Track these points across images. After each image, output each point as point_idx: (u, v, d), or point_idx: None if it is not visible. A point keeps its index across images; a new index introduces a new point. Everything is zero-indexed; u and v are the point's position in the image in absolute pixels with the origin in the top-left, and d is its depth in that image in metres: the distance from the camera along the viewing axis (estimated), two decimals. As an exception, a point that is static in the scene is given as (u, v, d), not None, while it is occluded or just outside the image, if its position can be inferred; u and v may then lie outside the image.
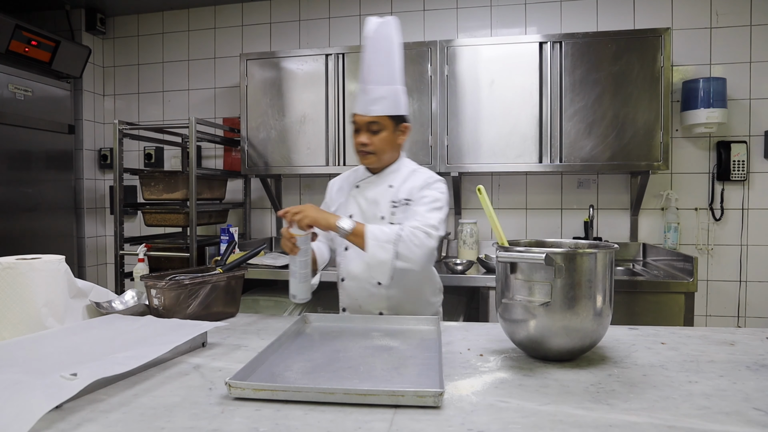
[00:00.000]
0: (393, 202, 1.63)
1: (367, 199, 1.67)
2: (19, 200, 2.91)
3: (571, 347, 1.09)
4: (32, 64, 3.10)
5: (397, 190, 1.65)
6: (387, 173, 1.68)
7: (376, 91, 1.56)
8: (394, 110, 1.59)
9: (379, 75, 1.57)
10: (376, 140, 1.59)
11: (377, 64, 1.56)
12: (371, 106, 1.57)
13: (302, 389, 0.89)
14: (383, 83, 1.57)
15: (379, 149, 1.61)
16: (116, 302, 1.55)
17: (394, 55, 1.59)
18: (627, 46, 2.65)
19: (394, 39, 1.59)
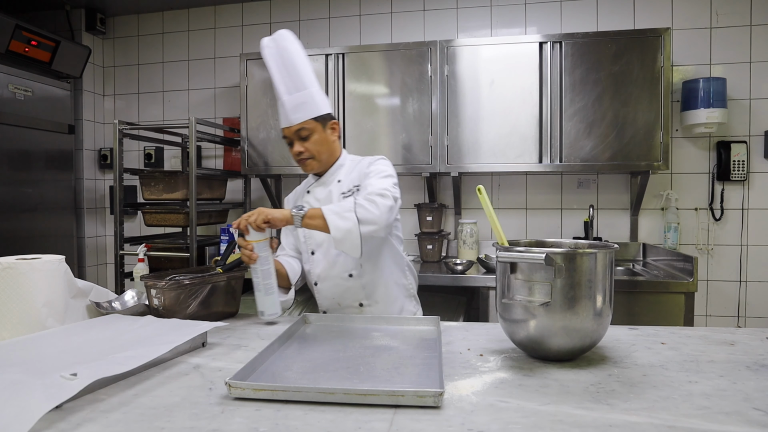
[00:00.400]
0: (343, 193, 1.66)
1: (319, 200, 1.69)
2: (19, 200, 2.91)
3: (571, 347, 1.08)
4: (32, 64, 3.10)
5: (344, 182, 1.68)
6: (333, 171, 1.71)
7: (292, 100, 1.59)
8: (315, 112, 1.61)
9: (289, 85, 1.60)
10: (309, 145, 1.62)
11: (284, 76, 1.60)
12: (292, 116, 1.59)
13: (302, 389, 0.89)
14: (296, 91, 1.60)
15: (316, 152, 1.63)
16: (116, 302, 1.55)
17: (297, 63, 1.60)
18: (627, 46, 2.65)
19: (291, 48, 1.60)
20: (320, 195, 1.70)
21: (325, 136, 1.64)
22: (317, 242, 1.70)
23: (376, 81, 2.91)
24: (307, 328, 1.41)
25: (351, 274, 1.65)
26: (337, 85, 2.94)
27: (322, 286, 1.71)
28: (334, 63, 2.94)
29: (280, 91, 1.60)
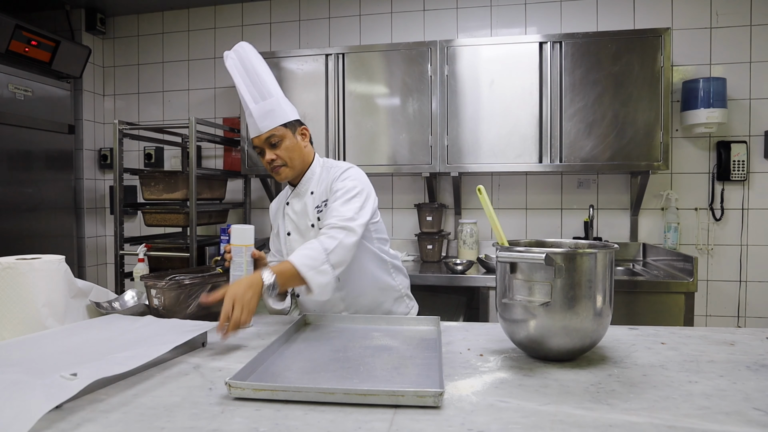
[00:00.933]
0: (317, 207, 1.65)
1: (297, 213, 1.69)
2: (19, 200, 2.91)
3: (571, 347, 1.09)
4: (32, 64, 3.10)
5: (317, 194, 1.67)
6: (305, 181, 1.69)
7: (259, 108, 1.58)
8: (283, 119, 1.60)
9: (254, 94, 1.58)
10: (281, 152, 1.60)
11: (248, 85, 1.59)
12: (261, 124, 1.58)
13: (302, 389, 0.89)
14: (262, 99, 1.58)
15: (288, 158, 1.61)
16: (116, 302, 1.55)
17: (260, 72, 1.59)
18: (627, 46, 2.65)
19: (253, 58, 1.60)
20: (297, 208, 1.70)
21: (296, 142, 1.63)
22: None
23: (376, 81, 2.91)
24: (307, 328, 1.41)
25: None
26: (337, 85, 2.94)
27: (304, 299, 1.69)
28: (334, 63, 2.94)
29: (247, 101, 1.59)
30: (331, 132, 2.96)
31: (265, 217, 3.56)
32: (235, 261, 1.43)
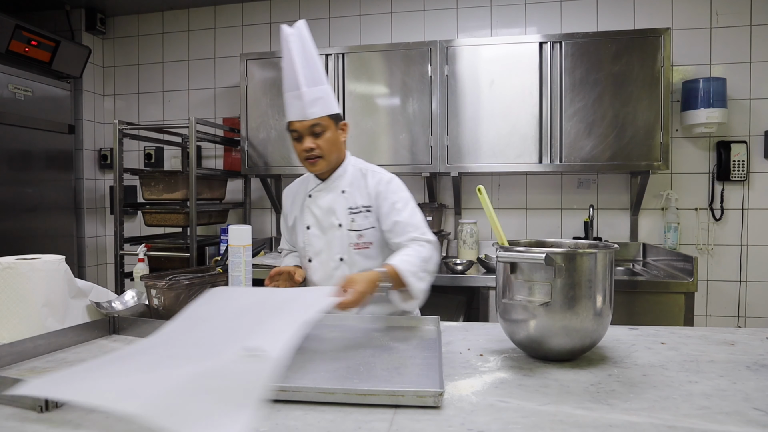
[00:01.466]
0: (350, 209, 1.63)
1: (322, 208, 1.66)
2: (19, 200, 2.91)
3: (571, 347, 1.09)
4: (32, 64, 3.10)
5: (351, 195, 1.64)
6: (336, 178, 1.66)
7: (310, 93, 1.53)
8: (331, 109, 1.57)
9: (308, 77, 1.53)
10: (322, 143, 1.56)
11: (304, 67, 1.52)
12: (309, 109, 1.53)
13: (302, 389, 0.89)
14: (316, 83, 1.54)
15: (327, 151, 1.58)
16: (116, 302, 1.55)
17: (316, 57, 1.56)
18: (627, 46, 2.65)
19: (310, 41, 1.56)
20: (323, 203, 1.66)
21: (336, 136, 1.60)
22: (315, 251, 1.68)
23: (376, 81, 2.91)
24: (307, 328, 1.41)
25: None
26: (337, 85, 2.94)
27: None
28: (334, 63, 2.94)
29: (298, 83, 1.51)
30: (331, 132, 2.96)
31: (265, 217, 3.56)
32: (233, 261, 1.43)
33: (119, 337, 1.35)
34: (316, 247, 1.67)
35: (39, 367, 1.09)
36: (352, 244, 1.63)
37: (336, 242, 1.64)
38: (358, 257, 1.63)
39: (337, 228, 1.63)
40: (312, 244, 1.67)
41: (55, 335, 1.22)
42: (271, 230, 3.54)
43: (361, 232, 1.62)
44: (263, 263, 2.77)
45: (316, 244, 1.67)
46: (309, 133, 1.55)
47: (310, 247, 1.68)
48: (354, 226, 1.61)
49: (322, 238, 1.66)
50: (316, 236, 1.67)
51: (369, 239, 1.63)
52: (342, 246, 1.63)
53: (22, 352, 1.13)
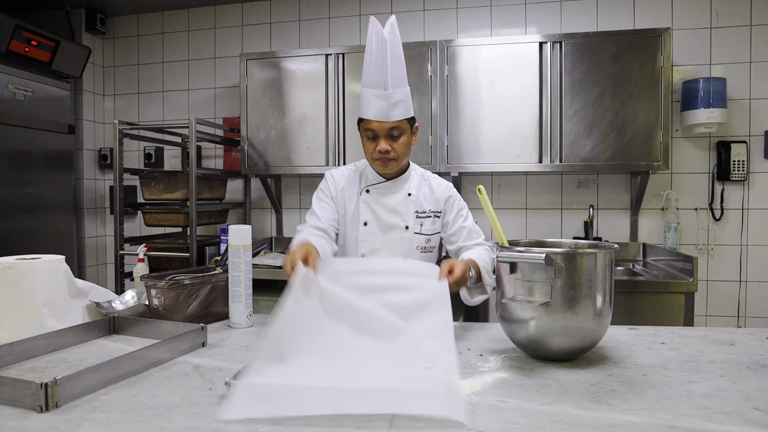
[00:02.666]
0: (417, 213, 1.64)
1: (385, 207, 1.64)
2: (19, 200, 2.91)
3: (571, 347, 1.09)
4: (32, 64, 3.10)
5: (417, 198, 1.65)
6: (402, 180, 1.66)
7: (395, 95, 1.50)
8: (410, 112, 1.57)
9: (396, 78, 1.50)
10: (398, 146, 1.55)
11: (393, 66, 1.49)
12: (392, 111, 1.50)
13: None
14: (401, 85, 1.52)
15: (401, 155, 1.57)
16: (116, 302, 1.55)
17: (402, 59, 1.55)
18: (627, 46, 2.65)
19: (400, 42, 1.56)
20: (387, 203, 1.63)
21: (410, 140, 1.60)
22: (372, 248, 1.64)
23: (376, 81, 2.91)
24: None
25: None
26: (337, 85, 2.94)
27: None
28: (334, 63, 2.94)
29: (387, 82, 1.47)
30: (331, 132, 2.96)
31: (265, 217, 3.56)
32: (233, 261, 1.43)
33: (119, 337, 1.35)
34: (373, 245, 1.64)
35: (39, 367, 1.09)
36: (419, 247, 1.64)
37: (398, 243, 1.63)
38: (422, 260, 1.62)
39: (403, 230, 1.63)
40: (368, 241, 1.65)
41: (55, 335, 1.22)
42: (271, 230, 3.54)
43: (429, 237, 1.65)
44: (263, 263, 2.77)
45: (373, 242, 1.64)
46: (386, 135, 1.53)
47: (366, 244, 1.65)
48: (423, 230, 1.64)
49: (380, 237, 1.64)
50: (373, 234, 1.64)
51: (434, 243, 1.68)
52: (406, 248, 1.63)
53: (22, 352, 1.13)
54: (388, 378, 0.94)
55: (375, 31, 1.51)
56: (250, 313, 1.45)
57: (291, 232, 3.46)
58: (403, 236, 1.63)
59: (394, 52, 1.50)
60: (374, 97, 1.50)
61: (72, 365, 1.10)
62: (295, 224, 3.45)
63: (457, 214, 1.67)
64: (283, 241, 3.44)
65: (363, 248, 1.66)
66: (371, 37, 1.51)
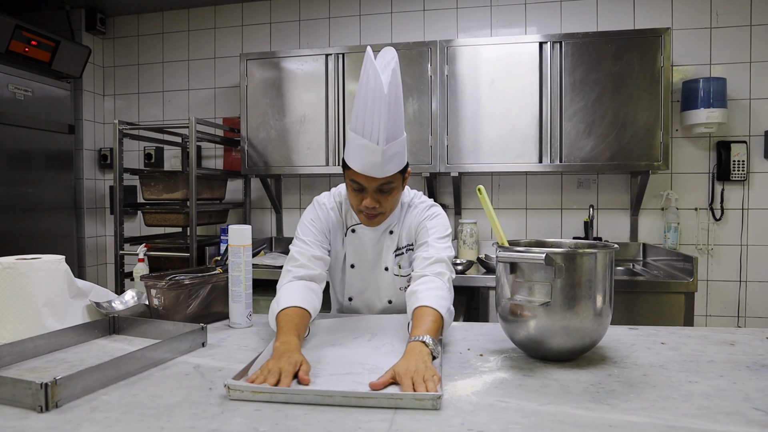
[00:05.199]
0: (396, 251, 1.53)
1: (366, 248, 1.52)
2: (19, 200, 2.91)
3: (571, 347, 1.09)
4: (32, 64, 3.10)
5: (397, 235, 1.52)
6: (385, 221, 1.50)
7: (389, 150, 1.29)
8: (404, 162, 1.38)
9: (391, 131, 1.29)
10: (388, 201, 1.38)
11: (390, 119, 1.27)
12: (385, 167, 1.30)
13: (300, 392, 0.90)
14: (394, 139, 1.31)
15: (389, 208, 1.41)
16: (116, 302, 1.55)
17: (400, 105, 1.34)
18: (627, 46, 2.65)
19: (400, 84, 1.35)
20: (369, 244, 1.51)
21: (401, 190, 1.44)
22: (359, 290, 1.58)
23: (376, 81, 2.91)
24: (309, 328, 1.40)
25: (390, 301, 1.58)
26: (337, 85, 2.94)
27: (357, 305, 1.60)
28: (334, 63, 2.94)
29: (380, 137, 1.26)
30: (331, 132, 2.96)
31: (265, 217, 3.56)
32: (233, 261, 1.43)
33: (119, 337, 1.35)
34: (359, 287, 1.58)
35: (39, 367, 1.09)
36: (402, 288, 1.54)
37: (383, 285, 1.55)
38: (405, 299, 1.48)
39: (384, 271, 1.54)
40: (354, 284, 1.58)
41: (55, 335, 1.22)
42: (271, 230, 3.54)
43: (408, 276, 1.52)
44: (263, 263, 2.77)
45: (359, 285, 1.57)
46: (375, 190, 1.36)
47: (352, 287, 1.58)
48: (402, 272, 1.53)
49: (366, 278, 1.56)
50: (359, 276, 1.56)
51: None
52: (390, 289, 1.55)
53: (22, 352, 1.13)
54: None
55: (372, 73, 1.27)
56: (250, 313, 1.45)
57: (291, 232, 3.46)
58: (385, 278, 1.55)
59: (392, 100, 1.27)
60: (364, 149, 1.29)
61: (72, 365, 1.10)
62: (295, 224, 3.44)
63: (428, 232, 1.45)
64: (283, 241, 3.44)
65: (350, 291, 1.59)
66: (367, 76, 1.28)
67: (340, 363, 1.09)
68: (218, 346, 1.25)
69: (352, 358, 1.12)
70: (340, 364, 1.08)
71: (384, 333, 1.32)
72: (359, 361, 1.10)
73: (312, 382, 0.96)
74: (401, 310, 1.54)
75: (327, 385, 0.96)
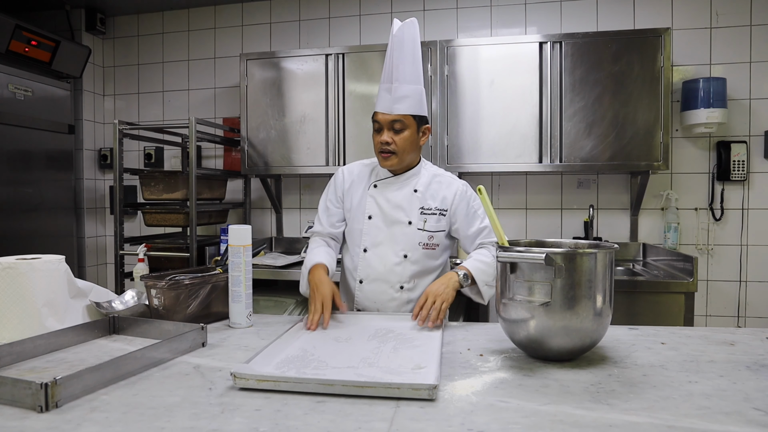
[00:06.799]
0: (422, 209, 1.64)
1: (390, 202, 1.65)
2: (19, 200, 2.91)
3: (571, 347, 1.09)
4: (32, 64, 3.10)
5: (423, 195, 1.65)
6: (409, 176, 1.67)
7: (402, 89, 1.55)
8: (418, 109, 1.58)
9: (405, 73, 1.55)
10: (399, 139, 1.57)
11: (404, 62, 1.55)
12: (396, 104, 1.55)
13: (303, 380, 0.92)
14: (409, 82, 1.56)
15: (402, 149, 1.58)
16: (116, 302, 1.55)
17: (419, 56, 1.60)
18: (627, 46, 2.65)
19: (418, 40, 1.60)
20: (392, 198, 1.65)
21: (415, 138, 1.60)
22: (374, 242, 1.66)
23: (376, 81, 2.91)
24: None
25: (402, 286, 1.64)
26: (337, 85, 2.94)
27: (368, 288, 1.67)
28: (334, 63, 2.94)
29: (393, 76, 1.55)
30: (331, 132, 2.96)
31: (265, 217, 3.56)
32: (233, 261, 1.43)
33: (119, 337, 1.35)
34: (375, 239, 1.66)
35: (39, 367, 1.09)
36: (422, 244, 1.64)
37: (401, 238, 1.64)
38: (423, 256, 1.65)
39: (406, 225, 1.64)
40: (371, 234, 1.66)
41: (55, 335, 1.22)
42: (271, 230, 3.54)
43: (432, 234, 1.64)
44: (263, 263, 2.77)
45: (376, 236, 1.66)
46: (389, 127, 1.57)
47: (369, 237, 1.66)
48: (426, 226, 1.64)
49: (384, 231, 1.65)
50: (377, 227, 1.66)
51: (437, 241, 1.66)
52: (408, 243, 1.64)
53: (22, 352, 1.13)
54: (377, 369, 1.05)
55: (392, 31, 1.59)
56: (250, 313, 1.46)
57: (291, 232, 3.46)
58: (405, 231, 1.64)
59: (404, 49, 1.56)
60: (383, 91, 1.58)
61: (72, 365, 1.10)
62: (295, 224, 3.45)
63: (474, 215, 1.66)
64: (283, 241, 3.44)
65: (366, 241, 1.67)
66: (391, 33, 1.60)
67: (344, 357, 1.12)
68: (218, 346, 1.25)
69: (356, 354, 1.15)
70: (345, 358, 1.11)
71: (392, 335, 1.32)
72: (362, 357, 1.12)
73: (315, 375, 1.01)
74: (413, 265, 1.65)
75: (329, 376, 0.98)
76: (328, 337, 1.29)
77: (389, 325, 1.42)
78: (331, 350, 1.18)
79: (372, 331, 1.34)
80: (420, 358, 1.10)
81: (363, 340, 1.26)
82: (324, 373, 1.00)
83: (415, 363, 1.08)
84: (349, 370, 1.03)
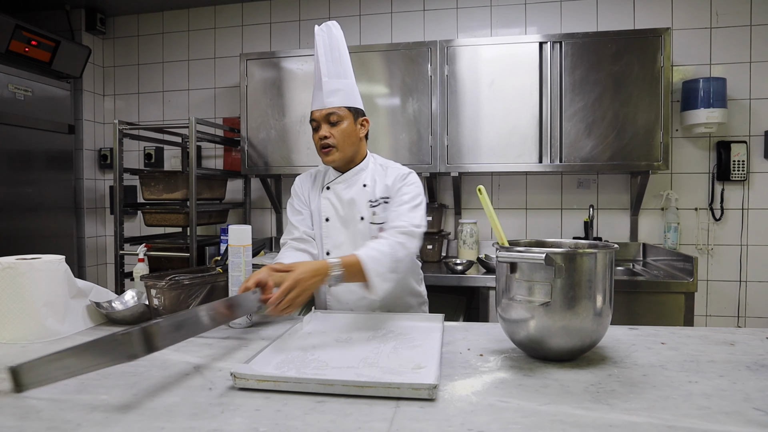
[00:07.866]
0: (371, 202, 1.63)
1: (342, 201, 1.65)
2: (19, 200, 2.91)
3: (571, 347, 1.08)
4: (32, 64, 3.10)
5: (372, 188, 1.64)
6: (357, 171, 1.67)
7: (332, 84, 1.58)
8: (351, 101, 1.61)
9: (332, 70, 1.59)
10: (337, 132, 1.58)
11: (328, 60, 1.59)
12: (328, 98, 1.58)
13: (303, 380, 0.92)
14: (339, 77, 1.60)
15: (341, 142, 1.58)
16: (116, 302, 1.55)
17: (342, 54, 1.62)
18: (627, 46, 2.65)
19: (340, 40, 1.62)
20: (344, 196, 1.65)
21: (354, 129, 1.61)
22: (335, 243, 1.66)
23: (376, 81, 2.91)
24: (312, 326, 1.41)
25: None
26: (337, 85, 2.94)
27: (337, 290, 1.66)
28: (334, 63, 2.94)
29: (321, 73, 1.59)
30: (331, 132, 2.96)
31: (265, 217, 3.56)
32: (233, 261, 1.43)
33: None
34: (336, 241, 1.65)
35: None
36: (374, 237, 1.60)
37: (359, 236, 1.63)
38: None
39: (360, 221, 1.63)
40: (332, 236, 1.66)
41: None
42: (271, 230, 3.54)
43: (381, 225, 1.61)
44: (263, 263, 2.76)
45: (336, 237, 1.65)
46: (325, 122, 1.59)
47: (329, 240, 1.66)
48: (375, 219, 1.62)
49: (342, 231, 1.65)
50: (335, 229, 1.66)
51: None
52: (365, 239, 1.61)
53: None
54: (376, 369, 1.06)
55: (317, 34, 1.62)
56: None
57: (291, 232, 3.46)
58: (360, 228, 1.63)
59: (327, 47, 1.60)
60: (315, 90, 1.62)
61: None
62: (295, 224, 3.45)
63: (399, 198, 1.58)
64: (283, 241, 3.44)
65: (327, 244, 1.66)
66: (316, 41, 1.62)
67: (344, 357, 1.12)
68: (218, 347, 1.25)
69: (356, 354, 1.15)
70: (345, 358, 1.11)
71: (391, 334, 1.33)
72: (362, 357, 1.12)
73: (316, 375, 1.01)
74: None
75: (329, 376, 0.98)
76: (329, 338, 1.29)
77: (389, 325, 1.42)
78: (331, 350, 1.18)
79: (372, 331, 1.34)
80: (420, 358, 1.11)
81: (363, 340, 1.26)
82: (324, 373, 1.01)
83: (415, 363, 1.08)
84: (349, 370, 1.03)
